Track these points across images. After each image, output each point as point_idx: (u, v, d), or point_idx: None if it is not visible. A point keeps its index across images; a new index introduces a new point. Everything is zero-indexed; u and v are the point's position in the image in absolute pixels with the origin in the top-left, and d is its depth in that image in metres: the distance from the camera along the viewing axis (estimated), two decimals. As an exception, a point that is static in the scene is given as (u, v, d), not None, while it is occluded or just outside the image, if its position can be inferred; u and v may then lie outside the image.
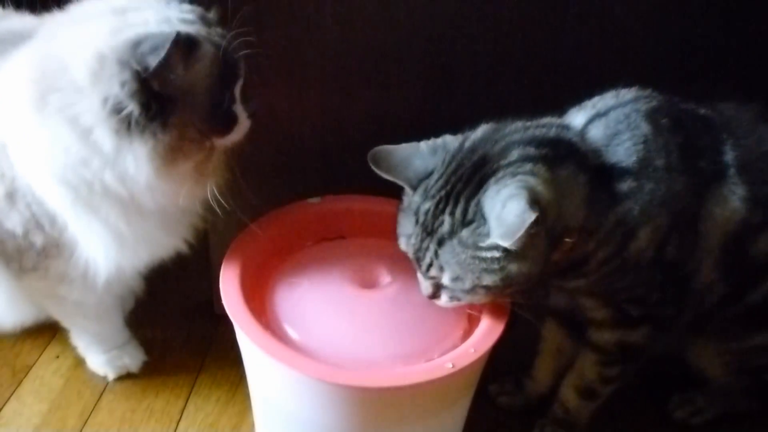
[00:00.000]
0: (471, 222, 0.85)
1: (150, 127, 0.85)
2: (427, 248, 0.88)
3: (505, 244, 0.81)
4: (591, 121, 0.93)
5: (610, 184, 0.89)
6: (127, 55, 0.83)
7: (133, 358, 1.21)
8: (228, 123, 0.94)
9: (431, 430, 0.97)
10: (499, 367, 1.03)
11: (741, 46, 1.19)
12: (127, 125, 0.85)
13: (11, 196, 0.95)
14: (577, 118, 0.95)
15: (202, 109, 0.89)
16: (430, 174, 0.89)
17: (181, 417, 1.14)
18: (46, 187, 0.93)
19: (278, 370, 0.89)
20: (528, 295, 0.92)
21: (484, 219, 0.84)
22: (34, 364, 1.22)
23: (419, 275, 0.93)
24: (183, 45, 0.84)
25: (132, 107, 0.83)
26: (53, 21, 0.96)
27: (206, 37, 0.90)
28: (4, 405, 1.14)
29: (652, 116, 0.92)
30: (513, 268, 0.84)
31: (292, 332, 0.94)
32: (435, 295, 0.92)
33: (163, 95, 0.85)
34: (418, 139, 0.95)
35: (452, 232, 0.86)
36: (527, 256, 0.84)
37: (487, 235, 0.83)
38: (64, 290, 1.04)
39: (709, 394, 1.17)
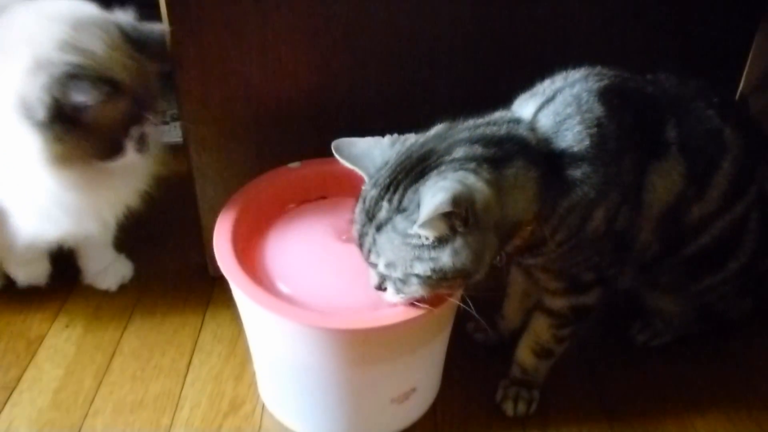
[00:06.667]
0: (405, 209, 0.85)
1: (45, 133, 0.95)
2: (367, 233, 0.88)
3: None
4: (540, 108, 0.91)
5: (562, 171, 0.88)
6: (59, 82, 0.92)
7: (126, 268, 1.37)
8: (114, 153, 1.04)
9: (415, 364, 1.03)
10: (474, 307, 1.08)
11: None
12: (32, 121, 0.94)
13: None
14: (527, 107, 0.93)
15: (95, 138, 0.99)
16: (385, 165, 0.90)
17: (187, 372, 1.19)
18: None
19: (273, 321, 0.95)
20: (475, 289, 0.92)
21: (417, 207, 0.83)
22: (47, 334, 1.26)
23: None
24: (106, 91, 0.94)
25: (40, 113, 0.93)
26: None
27: (130, 84, 0.98)
28: (23, 373, 1.18)
29: (605, 96, 0.90)
30: (446, 260, 0.84)
31: (283, 287, 0.99)
32: (381, 287, 0.92)
33: (69, 117, 0.95)
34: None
35: (388, 219, 0.86)
36: (461, 252, 0.84)
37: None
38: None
39: (666, 320, 1.23)
